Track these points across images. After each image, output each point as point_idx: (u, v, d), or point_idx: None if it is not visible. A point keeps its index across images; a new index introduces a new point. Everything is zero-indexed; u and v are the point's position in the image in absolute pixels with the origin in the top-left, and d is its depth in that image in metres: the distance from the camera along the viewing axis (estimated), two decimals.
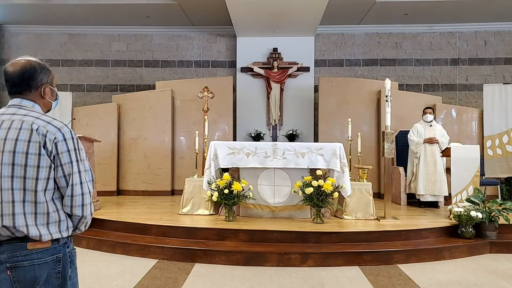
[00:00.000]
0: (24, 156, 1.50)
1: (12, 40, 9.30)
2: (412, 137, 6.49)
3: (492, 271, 4.09)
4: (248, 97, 8.86)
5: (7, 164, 1.50)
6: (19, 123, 1.53)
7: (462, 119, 7.81)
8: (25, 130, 1.52)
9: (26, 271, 1.50)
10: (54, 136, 1.54)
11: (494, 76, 8.94)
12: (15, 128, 1.52)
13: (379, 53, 9.14)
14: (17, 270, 1.49)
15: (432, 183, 6.30)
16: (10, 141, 1.51)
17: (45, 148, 1.52)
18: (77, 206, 1.58)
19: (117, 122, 7.90)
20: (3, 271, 1.48)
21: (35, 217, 1.52)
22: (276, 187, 5.44)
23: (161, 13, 8.33)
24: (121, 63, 9.37)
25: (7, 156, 1.50)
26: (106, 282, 3.75)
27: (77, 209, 1.59)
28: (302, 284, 3.74)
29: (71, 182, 1.56)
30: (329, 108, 8.02)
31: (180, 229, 4.84)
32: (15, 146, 1.50)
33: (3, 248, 1.50)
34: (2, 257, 1.49)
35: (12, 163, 1.50)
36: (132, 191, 7.79)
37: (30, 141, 1.51)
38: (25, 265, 1.50)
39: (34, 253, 1.52)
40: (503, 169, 7.44)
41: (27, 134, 1.51)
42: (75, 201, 1.57)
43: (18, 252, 1.50)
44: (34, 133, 1.52)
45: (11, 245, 1.50)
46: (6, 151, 1.50)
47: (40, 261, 1.52)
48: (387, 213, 5.25)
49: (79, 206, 1.59)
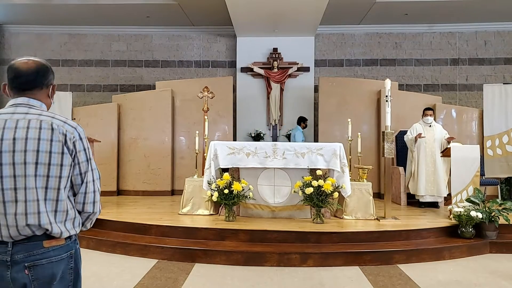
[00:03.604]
0: (47, 155, 1.52)
1: (12, 40, 9.30)
2: (409, 135, 6.49)
3: (492, 271, 4.08)
4: (248, 97, 8.86)
5: (31, 163, 1.50)
6: (38, 122, 1.54)
7: (462, 119, 7.81)
8: (46, 130, 1.54)
9: (45, 269, 1.52)
10: (73, 135, 1.59)
11: (494, 76, 8.94)
12: (35, 128, 1.53)
13: (379, 53, 9.14)
14: (35, 269, 1.50)
15: (432, 184, 6.30)
16: (32, 140, 1.51)
17: (66, 147, 1.56)
18: (89, 203, 1.63)
19: (117, 122, 7.89)
20: (20, 270, 1.48)
21: (55, 215, 1.55)
22: (276, 187, 5.44)
23: (161, 13, 8.33)
24: (121, 63, 9.37)
25: (31, 155, 1.50)
26: (106, 282, 3.75)
27: (89, 206, 1.64)
28: (302, 284, 3.74)
29: (86, 180, 1.62)
30: (329, 108, 8.02)
31: (180, 229, 4.84)
32: (38, 145, 1.51)
33: (17, 248, 1.49)
34: (18, 257, 1.48)
35: (35, 162, 1.51)
36: (132, 191, 7.79)
37: (53, 140, 1.54)
38: (43, 263, 1.52)
39: (50, 251, 1.54)
40: (503, 169, 7.44)
41: (48, 133, 1.54)
42: (88, 198, 1.63)
43: (35, 251, 1.51)
44: (56, 132, 1.55)
45: (25, 244, 1.50)
46: (29, 150, 1.51)
47: (56, 258, 1.55)
48: (387, 213, 5.25)
49: (91, 203, 1.64)
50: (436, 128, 6.50)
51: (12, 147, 1.49)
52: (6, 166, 1.48)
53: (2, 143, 1.49)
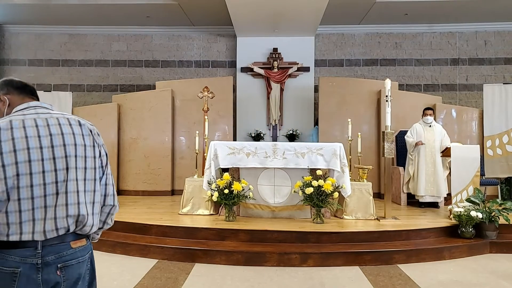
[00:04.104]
0: (83, 148, 1.60)
1: (12, 40, 9.30)
2: (410, 139, 6.50)
3: (492, 271, 4.09)
4: (248, 97, 8.86)
5: (72, 156, 1.56)
6: (65, 120, 1.61)
7: (462, 119, 7.81)
8: (76, 126, 1.62)
9: (74, 269, 1.57)
10: (96, 130, 1.70)
11: (494, 76, 8.94)
12: (66, 124, 1.59)
13: (379, 53, 9.14)
14: (67, 270, 1.54)
15: (432, 184, 6.30)
16: (68, 135, 1.57)
17: (94, 140, 1.66)
18: (110, 195, 1.71)
19: (117, 122, 7.89)
20: (52, 272, 1.51)
21: (92, 206, 1.62)
22: (276, 187, 5.44)
23: (161, 13, 8.33)
24: (121, 63, 9.37)
25: (70, 149, 1.56)
26: (106, 282, 3.75)
27: (110, 198, 1.71)
28: (302, 284, 3.74)
29: (107, 172, 1.71)
30: (329, 108, 8.02)
31: (180, 229, 4.84)
32: (74, 139, 1.58)
33: (47, 250, 1.50)
34: (49, 258, 1.50)
35: (75, 155, 1.56)
36: (132, 191, 7.78)
37: (84, 135, 1.62)
38: (73, 263, 1.56)
39: (77, 251, 1.59)
40: (503, 169, 7.44)
41: (79, 129, 1.62)
42: (109, 190, 1.70)
43: (64, 252, 1.54)
44: (84, 127, 1.64)
45: (55, 246, 1.52)
46: (67, 144, 1.56)
47: (83, 258, 1.61)
48: (387, 213, 5.25)
49: (112, 196, 1.72)
50: (436, 128, 6.50)
51: (51, 142, 1.52)
52: (47, 161, 1.50)
53: (40, 139, 1.51)
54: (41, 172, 1.49)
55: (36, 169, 1.47)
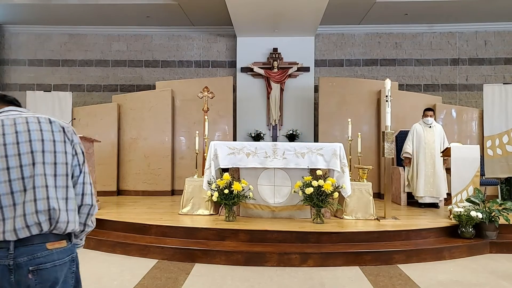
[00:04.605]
0: (52, 143, 1.56)
1: (12, 40, 9.30)
2: (407, 149, 6.55)
3: (492, 271, 4.09)
4: (248, 97, 8.86)
5: (38, 151, 1.52)
6: (35, 118, 1.59)
7: (462, 119, 7.81)
8: (45, 123, 1.58)
9: (49, 272, 1.49)
10: (69, 128, 1.66)
11: (494, 76, 8.93)
12: (34, 122, 1.57)
13: (379, 53, 9.14)
14: (40, 273, 1.46)
15: (431, 185, 6.30)
16: (35, 132, 1.54)
17: (66, 136, 1.62)
18: (88, 194, 1.65)
19: (117, 122, 7.90)
20: (23, 274, 1.44)
21: (66, 202, 1.55)
22: (276, 187, 5.44)
23: (161, 13, 8.33)
24: (121, 63, 9.37)
25: (36, 144, 1.53)
26: (106, 282, 3.75)
27: (87, 197, 1.65)
28: (302, 284, 3.74)
29: (84, 170, 1.66)
30: (329, 108, 8.02)
31: (180, 229, 4.84)
32: (42, 135, 1.55)
33: (20, 250, 1.44)
34: (21, 260, 1.44)
35: (42, 150, 1.53)
36: (132, 191, 7.79)
37: (53, 131, 1.58)
38: (48, 266, 1.48)
39: (54, 254, 1.51)
40: (503, 169, 7.44)
41: (48, 125, 1.58)
42: (87, 189, 1.65)
43: (38, 253, 1.47)
44: (54, 124, 1.60)
45: (28, 247, 1.46)
46: (34, 140, 1.52)
47: (60, 261, 1.52)
48: (387, 213, 5.25)
49: (89, 195, 1.66)
50: (436, 128, 6.50)
51: (16, 139, 1.50)
52: (11, 157, 1.48)
53: (4, 137, 1.49)
54: (6, 168, 1.46)
55: (0, 165, 1.45)
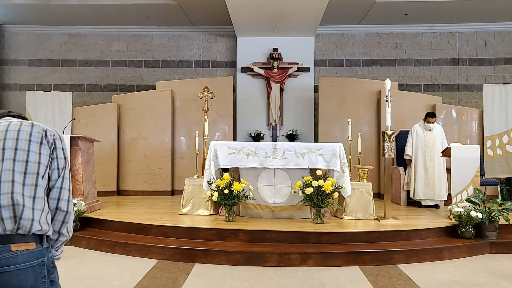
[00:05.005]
0: (27, 142, 1.55)
1: (12, 40, 9.30)
2: (408, 151, 6.54)
3: (492, 271, 4.08)
4: (248, 97, 8.86)
5: (10, 148, 1.51)
6: (19, 122, 1.61)
7: (462, 119, 7.81)
8: (26, 126, 1.60)
9: (11, 276, 1.39)
10: (54, 133, 1.65)
11: (494, 76, 8.94)
12: (16, 125, 1.59)
13: (379, 53, 9.14)
14: (1, 276, 1.37)
15: (431, 188, 6.30)
16: (12, 132, 1.55)
17: (46, 140, 1.60)
18: (64, 200, 1.61)
19: (117, 122, 7.89)
20: None
21: (33, 201, 1.50)
22: (276, 187, 5.44)
23: (161, 13, 8.33)
24: (121, 63, 9.37)
25: (10, 142, 1.53)
26: (106, 282, 3.75)
27: (63, 203, 1.60)
28: (302, 284, 3.74)
29: (63, 175, 1.62)
30: (329, 108, 8.02)
31: (180, 229, 4.84)
32: (18, 134, 1.55)
33: None
34: None
35: (15, 147, 1.52)
36: (132, 191, 7.78)
37: (32, 132, 1.58)
38: (10, 269, 1.39)
39: (19, 255, 1.41)
40: (503, 169, 7.44)
41: (28, 128, 1.59)
42: (64, 194, 1.61)
43: (1, 255, 1.39)
44: (36, 127, 1.61)
45: None
46: (8, 138, 1.53)
47: (26, 265, 1.42)
48: (387, 213, 5.25)
49: (66, 201, 1.62)
50: (437, 130, 6.46)
51: None
52: None
53: None
54: None
55: None
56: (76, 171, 5.56)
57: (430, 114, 6.53)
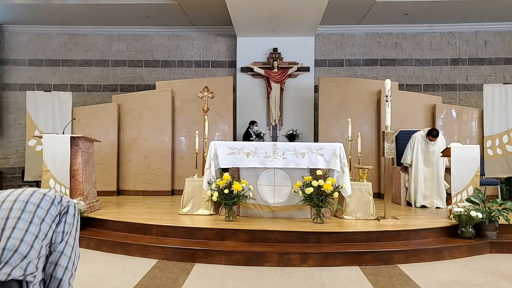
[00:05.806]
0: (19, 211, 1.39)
1: (12, 40, 9.30)
2: (407, 160, 6.52)
3: (492, 271, 4.08)
4: (248, 97, 8.87)
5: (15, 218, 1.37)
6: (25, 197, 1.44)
7: (462, 119, 7.81)
8: (31, 205, 1.40)
9: None
10: (68, 199, 1.51)
11: (494, 76, 8.94)
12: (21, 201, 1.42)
13: (379, 53, 9.14)
14: None
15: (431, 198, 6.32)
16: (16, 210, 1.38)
17: (60, 203, 1.46)
18: (62, 266, 1.45)
19: (117, 122, 7.89)
20: None
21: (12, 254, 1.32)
22: (276, 187, 5.44)
23: (161, 13, 8.33)
24: (121, 63, 9.37)
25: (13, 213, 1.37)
26: (106, 282, 3.75)
27: (60, 270, 1.43)
28: (302, 284, 3.74)
29: (67, 240, 1.48)
30: (329, 108, 8.02)
31: (180, 229, 4.84)
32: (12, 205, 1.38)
33: None
34: None
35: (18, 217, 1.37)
36: (132, 191, 7.78)
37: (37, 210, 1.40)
38: None
39: None
40: (503, 169, 7.44)
41: (33, 206, 1.40)
42: (63, 261, 1.44)
43: None
44: (44, 200, 1.43)
45: None
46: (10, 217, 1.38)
47: None
48: (387, 213, 5.25)
49: (63, 268, 1.45)
50: (437, 144, 6.36)
51: None
52: None
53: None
54: None
55: None
56: (76, 171, 5.57)
57: (432, 133, 6.28)
